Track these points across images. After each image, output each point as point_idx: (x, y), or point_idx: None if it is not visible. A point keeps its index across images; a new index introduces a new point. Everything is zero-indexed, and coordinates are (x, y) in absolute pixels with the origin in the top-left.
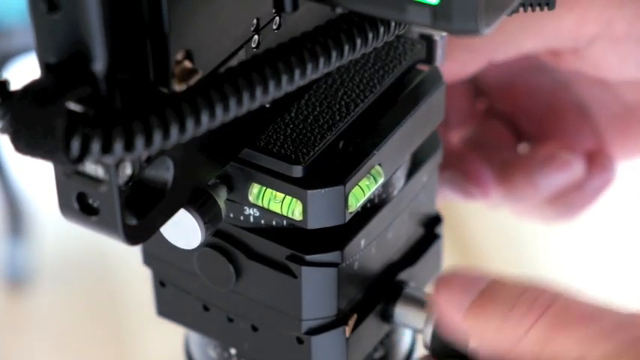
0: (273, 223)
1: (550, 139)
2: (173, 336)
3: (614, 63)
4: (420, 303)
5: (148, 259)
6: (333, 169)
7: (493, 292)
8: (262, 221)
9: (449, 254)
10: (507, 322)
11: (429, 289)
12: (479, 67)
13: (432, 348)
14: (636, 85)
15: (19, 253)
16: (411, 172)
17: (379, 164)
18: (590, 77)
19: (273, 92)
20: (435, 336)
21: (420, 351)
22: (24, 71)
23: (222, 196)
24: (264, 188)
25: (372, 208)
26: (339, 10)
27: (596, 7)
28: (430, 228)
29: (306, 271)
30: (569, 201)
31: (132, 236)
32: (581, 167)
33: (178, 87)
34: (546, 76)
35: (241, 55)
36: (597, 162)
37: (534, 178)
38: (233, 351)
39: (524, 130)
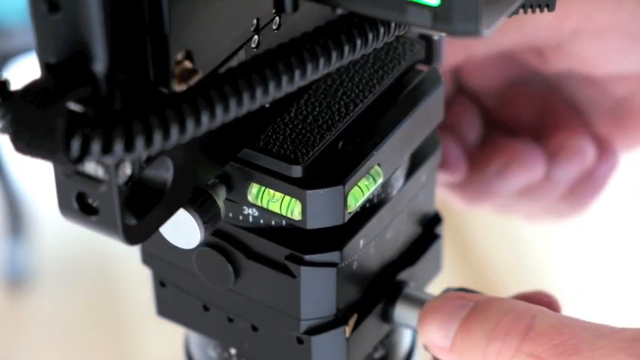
0: (272, 222)
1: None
2: (173, 336)
3: (596, 57)
4: (420, 303)
5: (147, 259)
6: (333, 169)
7: (470, 323)
8: (261, 221)
9: (449, 254)
10: (487, 357)
11: (429, 289)
12: (456, 61)
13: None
14: (622, 79)
15: (19, 253)
16: (410, 172)
17: (378, 164)
18: (577, 75)
19: (273, 93)
20: None
21: (420, 351)
22: (24, 71)
23: (221, 196)
24: (264, 188)
25: (370, 209)
26: (339, 11)
27: (575, 1)
28: (430, 228)
29: (304, 271)
30: (580, 191)
31: (131, 236)
32: (593, 151)
33: (178, 87)
34: (535, 81)
35: (241, 56)
36: (602, 147)
37: (550, 172)
38: (233, 351)
39: (524, 136)
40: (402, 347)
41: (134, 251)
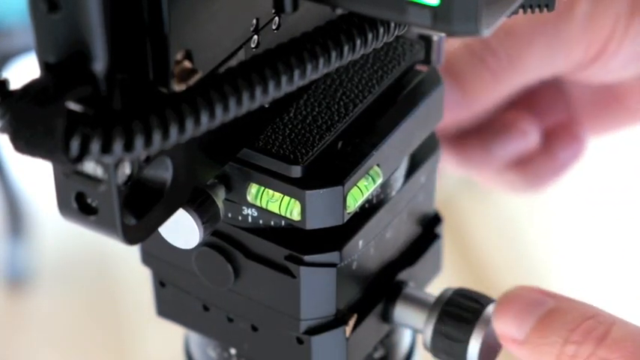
0: (272, 223)
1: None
2: (173, 336)
3: (602, 74)
4: (420, 303)
5: (147, 259)
6: (332, 169)
7: (549, 321)
8: (260, 221)
9: (449, 254)
10: (562, 357)
11: (429, 289)
12: (475, 112)
13: (432, 348)
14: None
15: (19, 253)
16: (410, 173)
17: (378, 165)
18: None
19: (273, 92)
20: (436, 336)
21: (420, 351)
22: (24, 71)
23: (220, 196)
24: (263, 188)
25: (370, 209)
26: (339, 11)
27: (596, 31)
28: (430, 228)
29: (304, 271)
30: (536, 170)
31: (130, 236)
32: (536, 136)
33: (178, 87)
34: None
35: (240, 56)
36: (568, 132)
37: (488, 146)
38: (233, 351)
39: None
40: (402, 347)
41: (134, 251)
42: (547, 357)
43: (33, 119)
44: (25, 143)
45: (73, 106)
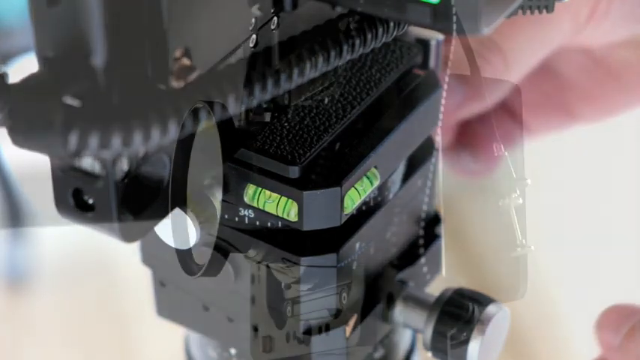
0: (268, 224)
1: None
2: (173, 336)
3: (592, 39)
4: (420, 303)
5: (147, 259)
6: (330, 170)
7: (637, 330)
8: (257, 222)
9: (449, 254)
10: None
11: (429, 289)
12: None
13: (432, 348)
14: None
15: (19, 253)
16: (407, 176)
17: (375, 167)
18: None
19: (272, 90)
20: (436, 336)
21: (420, 351)
22: (24, 71)
23: (217, 197)
24: (260, 189)
25: (367, 211)
26: (338, 9)
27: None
28: (430, 228)
29: (304, 272)
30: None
31: (127, 233)
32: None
33: (176, 84)
34: None
35: (239, 54)
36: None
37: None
38: (233, 351)
39: None
40: (402, 347)
41: (135, 251)
42: (632, 355)
43: (31, 113)
44: (23, 137)
45: (72, 100)
